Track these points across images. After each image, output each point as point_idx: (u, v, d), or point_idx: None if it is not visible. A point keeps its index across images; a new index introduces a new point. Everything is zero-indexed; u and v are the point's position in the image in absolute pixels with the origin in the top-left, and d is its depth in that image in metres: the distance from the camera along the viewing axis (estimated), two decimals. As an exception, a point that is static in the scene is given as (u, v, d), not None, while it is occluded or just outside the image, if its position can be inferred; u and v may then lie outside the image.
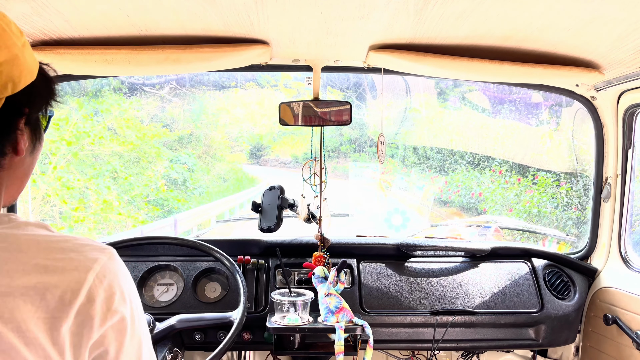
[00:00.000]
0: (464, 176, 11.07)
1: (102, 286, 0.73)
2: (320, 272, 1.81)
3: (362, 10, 1.29)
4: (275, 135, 14.16)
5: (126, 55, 1.54)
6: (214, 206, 10.15)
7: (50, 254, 0.71)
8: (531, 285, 2.00)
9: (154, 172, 9.75)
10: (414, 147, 13.50)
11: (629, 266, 1.99)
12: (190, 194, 10.91)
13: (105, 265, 0.75)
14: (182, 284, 1.91)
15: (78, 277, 0.71)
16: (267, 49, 1.63)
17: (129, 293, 0.78)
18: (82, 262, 0.73)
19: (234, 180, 13.20)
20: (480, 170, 10.70)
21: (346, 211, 2.48)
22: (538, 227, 6.08)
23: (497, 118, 9.47)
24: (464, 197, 10.61)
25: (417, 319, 1.90)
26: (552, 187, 7.34)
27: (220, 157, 12.81)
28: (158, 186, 9.70)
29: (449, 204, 11.31)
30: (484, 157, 10.51)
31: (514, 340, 1.98)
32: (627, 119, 1.95)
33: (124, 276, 0.79)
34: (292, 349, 1.74)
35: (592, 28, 1.37)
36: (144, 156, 9.92)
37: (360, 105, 11.14)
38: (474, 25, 1.38)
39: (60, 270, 0.70)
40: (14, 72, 0.73)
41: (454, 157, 11.97)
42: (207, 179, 12.03)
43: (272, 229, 1.85)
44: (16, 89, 0.74)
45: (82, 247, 0.75)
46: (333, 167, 14.91)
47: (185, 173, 10.91)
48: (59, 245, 0.73)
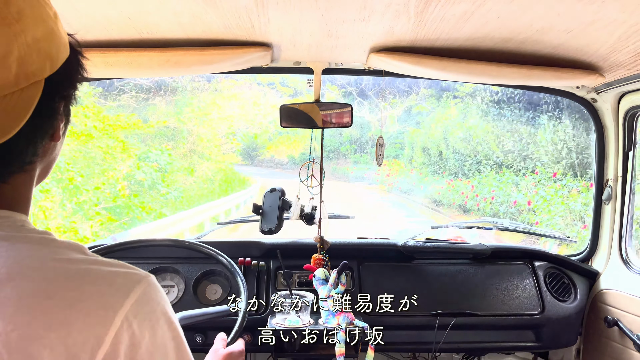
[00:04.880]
0: (495, 180, 9.15)
1: (131, 330, 0.62)
2: (321, 274, 1.81)
3: (363, 12, 1.29)
4: (271, 134, 13.12)
5: (127, 57, 1.54)
6: (192, 214, 8.12)
7: (78, 287, 0.62)
8: (532, 287, 2.00)
9: (117, 172, 7.97)
10: (423, 146, 12.18)
11: (630, 268, 1.99)
12: (163, 199, 8.99)
13: (139, 300, 0.64)
14: (183, 285, 1.91)
15: (104, 318, 0.61)
16: (268, 51, 1.63)
17: (162, 335, 0.66)
18: (111, 298, 0.62)
19: (221, 182, 11.47)
20: (517, 172, 8.69)
21: (347, 213, 2.47)
22: (539, 229, 5.95)
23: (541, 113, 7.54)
24: (501, 206, 8.63)
25: (418, 321, 1.90)
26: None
27: (207, 155, 11.18)
28: (117, 190, 7.69)
29: (472, 211, 9.47)
30: (520, 156, 8.60)
31: (514, 343, 1.97)
32: (627, 121, 1.95)
33: (160, 313, 0.67)
34: (293, 351, 1.73)
35: (592, 30, 1.37)
36: (107, 152, 7.92)
37: (362, 102, 10.42)
38: (474, 27, 1.39)
39: (86, 309, 0.60)
40: (52, 48, 0.65)
41: (476, 156, 10.12)
42: (189, 181, 10.34)
43: (273, 231, 1.86)
44: (54, 67, 0.65)
45: (115, 277, 0.65)
46: (332, 169, 14.11)
47: (155, 174, 8.95)
48: (90, 275, 0.64)
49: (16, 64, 0.60)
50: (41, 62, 0.63)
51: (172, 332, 0.68)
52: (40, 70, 0.63)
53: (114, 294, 0.63)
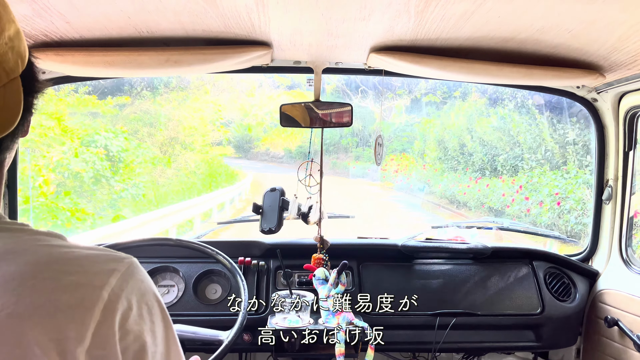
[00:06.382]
0: (557, 179, 6.99)
1: (119, 301, 0.65)
2: (321, 273, 1.81)
3: (363, 12, 1.29)
4: (266, 126, 12.29)
5: (127, 57, 1.54)
6: (158, 216, 6.15)
7: (62, 267, 0.64)
8: (532, 287, 2.00)
9: (47, 159, 6.14)
10: (438, 138, 10.57)
11: (630, 268, 1.99)
12: (114, 198, 7.00)
13: (123, 277, 0.67)
14: (183, 285, 1.91)
15: (92, 293, 0.64)
16: (268, 50, 1.63)
17: (149, 310, 0.69)
18: (96, 276, 0.65)
19: (204, 176, 9.73)
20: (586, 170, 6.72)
21: (348, 213, 2.47)
22: (539, 229, 5.89)
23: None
24: (571, 214, 6.66)
25: (418, 321, 1.90)
26: None
27: (190, 144, 9.42)
28: (38, 185, 5.61)
29: (513, 217, 7.41)
30: (584, 149, 6.70)
31: (514, 342, 1.97)
32: (628, 121, 1.94)
33: (145, 290, 0.71)
34: (293, 350, 1.73)
35: (593, 30, 1.36)
36: (43, 134, 6.08)
37: (365, 90, 9.72)
38: (475, 27, 1.38)
39: (72, 286, 0.63)
40: (21, 47, 0.68)
41: (513, 149, 7.85)
42: (168, 175, 8.59)
43: (273, 230, 1.86)
44: (24, 64, 0.69)
45: (97, 258, 0.68)
46: (332, 163, 13.24)
47: (99, 164, 6.69)
48: (72, 256, 0.66)
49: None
50: (15, 60, 0.66)
51: (158, 307, 0.72)
52: (16, 67, 0.67)
53: (98, 273, 0.66)
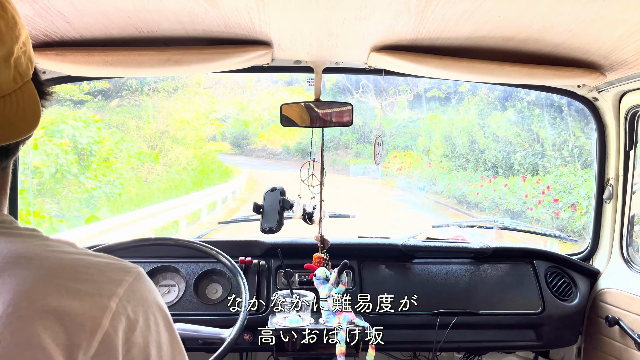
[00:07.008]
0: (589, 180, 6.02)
1: (126, 313, 0.66)
2: (322, 273, 1.81)
3: (364, 11, 1.29)
4: (263, 122, 11.98)
5: (127, 56, 1.54)
6: (133, 219, 5.37)
7: (72, 275, 0.65)
8: (533, 286, 2.00)
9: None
10: (445, 135, 10.01)
11: (631, 267, 1.99)
12: (84, 197, 6.07)
13: (130, 288, 0.68)
14: (184, 285, 1.91)
15: (100, 302, 0.64)
16: (268, 50, 1.63)
17: (155, 321, 0.70)
18: (105, 285, 0.66)
19: (195, 173, 9.21)
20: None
21: (348, 212, 2.47)
22: (540, 228, 5.85)
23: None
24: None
25: (418, 320, 1.90)
26: None
27: (181, 139, 8.89)
28: None
29: (537, 222, 6.55)
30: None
31: (515, 342, 1.97)
32: (629, 120, 1.94)
33: (152, 301, 0.71)
34: (293, 350, 1.73)
35: (593, 29, 1.36)
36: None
37: (367, 84, 9.49)
38: (475, 26, 1.38)
39: (82, 294, 0.64)
40: (30, 51, 0.70)
41: (533, 145, 6.89)
42: (157, 171, 8.12)
43: (274, 230, 1.86)
44: (33, 68, 0.70)
45: (106, 267, 0.68)
46: (332, 160, 12.56)
47: (63, 158, 5.88)
48: (82, 263, 0.67)
49: (13, 65, 0.65)
50: (26, 63, 0.68)
51: (164, 319, 0.73)
52: (27, 70, 0.69)
53: (106, 282, 0.67)
